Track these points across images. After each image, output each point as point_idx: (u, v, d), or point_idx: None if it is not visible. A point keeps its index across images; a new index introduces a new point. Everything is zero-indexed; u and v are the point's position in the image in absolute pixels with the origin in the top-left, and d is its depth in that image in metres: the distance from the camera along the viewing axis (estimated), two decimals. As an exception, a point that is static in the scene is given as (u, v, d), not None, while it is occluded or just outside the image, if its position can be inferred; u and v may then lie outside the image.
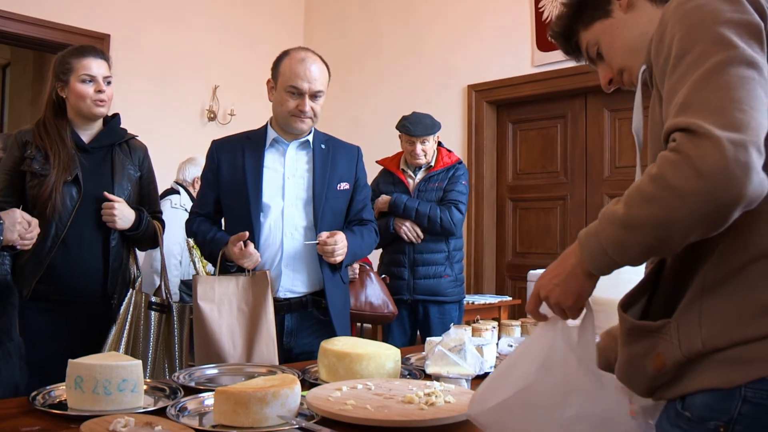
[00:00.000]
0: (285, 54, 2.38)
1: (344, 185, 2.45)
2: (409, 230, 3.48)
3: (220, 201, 2.44)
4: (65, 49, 2.51)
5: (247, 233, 2.24)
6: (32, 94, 7.23)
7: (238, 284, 2.25)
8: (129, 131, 2.61)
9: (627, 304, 1.16)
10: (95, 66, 2.43)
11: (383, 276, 3.54)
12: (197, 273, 4.00)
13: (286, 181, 2.39)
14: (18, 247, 2.15)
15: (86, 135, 2.51)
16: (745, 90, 0.94)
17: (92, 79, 2.42)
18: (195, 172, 4.26)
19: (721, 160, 0.90)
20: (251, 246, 2.25)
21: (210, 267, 3.82)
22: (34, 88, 7.24)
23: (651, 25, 1.20)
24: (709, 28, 1.01)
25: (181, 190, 4.26)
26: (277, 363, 2.15)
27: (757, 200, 0.93)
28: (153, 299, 2.49)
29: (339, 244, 2.29)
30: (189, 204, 4.25)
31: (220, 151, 2.44)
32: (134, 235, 2.48)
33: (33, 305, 2.34)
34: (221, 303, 2.22)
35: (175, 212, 3.93)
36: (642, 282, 1.15)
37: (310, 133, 2.45)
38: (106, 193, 2.41)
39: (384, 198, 3.57)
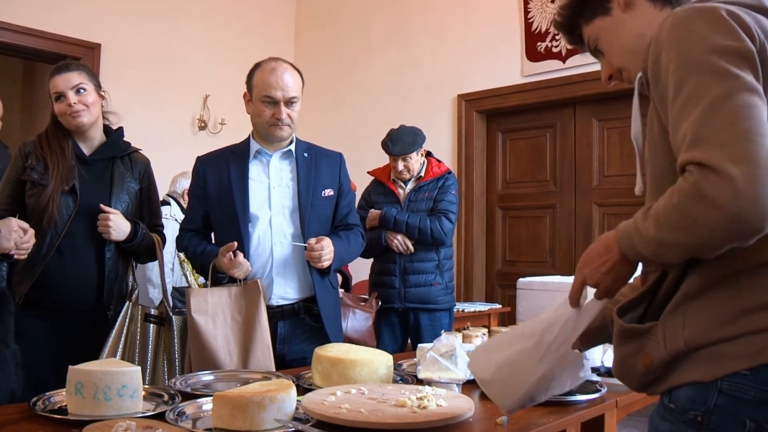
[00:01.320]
0: (257, 66, 2.44)
1: (329, 192, 2.49)
2: (400, 243, 3.51)
3: (209, 215, 2.48)
4: None
5: (235, 244, 2.27)
6: (21, 102, 7.22)
7: (230, 294, 2.28)
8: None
9: (624, 309, 1.22)
10: (61, 81, 2.45)
11: (375, 297, 3.54)
12: (189, 286, 4.02)
13: (271, 191, 2.43)
14: (14, 256, 2.18)
15: (87, 147, 2.55)
16: (750, 119, 0.99)
17: (61, 94, 2.45)
18: (185, 184, 4.36)
19: (736, 195, 0.95)
20: (240, 256, 2.28)
21: (202, 279, 3.85)
22: (23, 97, 7.24)
23: (649, 27, 1.24)
24: (703, 58, 1.05)
25: (172, 201, 4.33)
26: (273, 369, 2.17)
27: None
28: (151, 311, 2.49)
29: (325, 249, 2.32)
30: (179, 214, 4.29)
31: (206, 166, 2.48)
32: (129, 246, 2.50)
33: (27, 312, 2.36)
34: (215, 314, 2.25)
35: (165, 222, 3.97)
36: (643, 291, 1.22)
37: (291, 142, 2.49)
38: (102, 206, 2.43)
39: (374, 213, 3.60)
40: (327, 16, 6.30)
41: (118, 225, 2.44)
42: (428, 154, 3.73)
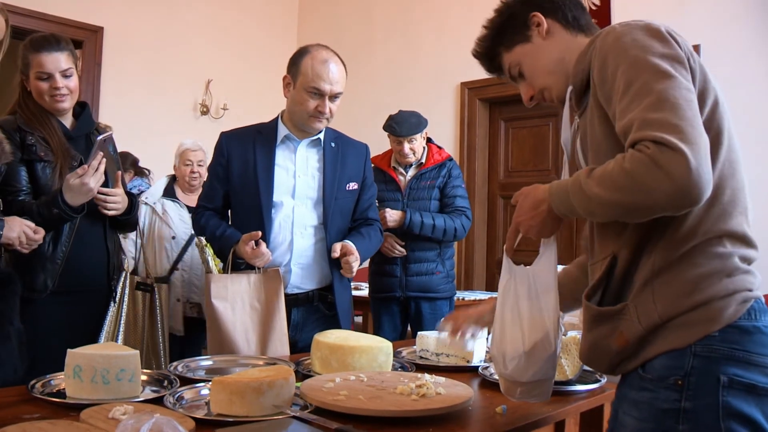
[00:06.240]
0: (305, 52, 2.35)
1: (353, 185, 2.46)
2: (390, 249, 3.47)
3: (229, 196, 2.44)
4: (26, 39, 2.40)
5: (259, 233, 2.25)
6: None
7: (249, 282, 2.26)
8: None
9: (589, 295, 1.34)
10: (49, 61, 2.32)
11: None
12: (209, 271, 4.01)
13: (297, 179, 2.38)
14: (18, 248, 2.13)
15: (68, 123, 2.46)
16: (691, 109, 1.15)
17: (48, 76, 2.33)
18: None
19: (688, 167, 1.09)
20: (263, 245, 2.26)
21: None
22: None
23: (567, 51, 1.45)
24: (649, 61, 1.21)
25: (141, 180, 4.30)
26: (288, 358, 2.17)
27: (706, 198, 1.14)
28: (138, 279, 2.55)
29: (355, 264, 2.33)
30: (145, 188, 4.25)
31: (231, 144, 2.42)
32: (127, 219, 2.48)
33: (53, 299, 2.32)
34: (234, 301, 2.24)
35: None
36: (600, 276, 1.33)
37: (320, 131, 2.43)
38: (103, 189, 2.35)
39: (394, 215, 3.44)
40: (330, 2, 6.27)
41: (119, 200, 2.40)
42: (428, 141, 3.70)
